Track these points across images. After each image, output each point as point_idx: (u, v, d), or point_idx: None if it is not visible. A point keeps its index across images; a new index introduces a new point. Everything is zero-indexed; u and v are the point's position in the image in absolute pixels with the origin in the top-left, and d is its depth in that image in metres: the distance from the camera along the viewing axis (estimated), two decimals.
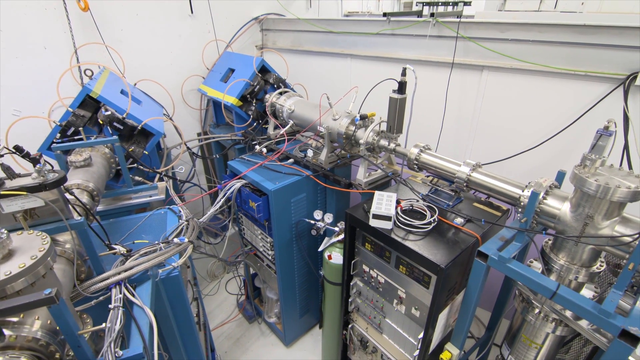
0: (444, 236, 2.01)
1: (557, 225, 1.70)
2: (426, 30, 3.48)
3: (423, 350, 2.13)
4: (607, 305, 1.43)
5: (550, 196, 1.73)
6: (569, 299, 1.51)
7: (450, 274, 1.92)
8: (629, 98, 2.69)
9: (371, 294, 2.45)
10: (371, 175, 2.66)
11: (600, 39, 2.74)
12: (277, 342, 3.78)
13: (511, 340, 2.08)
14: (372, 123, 2.54)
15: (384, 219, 2.05)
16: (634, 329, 1.35)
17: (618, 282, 1.49)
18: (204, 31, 4.17)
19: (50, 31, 3.05)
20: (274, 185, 2.74)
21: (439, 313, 2.02)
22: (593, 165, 1.56)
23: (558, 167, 3.09)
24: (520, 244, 1.77)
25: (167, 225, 2.23)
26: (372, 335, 2.60)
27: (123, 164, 2.38)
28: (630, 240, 1.44)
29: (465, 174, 2.04)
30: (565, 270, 1.72)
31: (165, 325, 1.92)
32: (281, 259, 3.08)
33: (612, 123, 1.52)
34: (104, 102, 2.54)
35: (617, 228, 1.52)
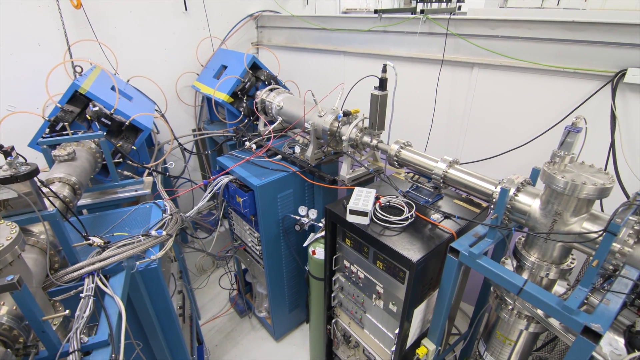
0: (420, 232, 2.02)
1: (528, 222, 1.70)
2: (417, 27, 3.47)
3: (399, 345, 2.14)
4: (570, 302, 1.43)
5: (522, 193, 1.73)
6: (535, 296, 1.52)
7: (425, 270, 1.93)
8: (617, 95, 2.66)
9: (352, 289, 2.47)
10: (355, 172, 2.68)
11: (589, 36, 2.72)
12: (267, 337, 3.83)
13: (487, 337, 2.09)
14: (355, 119, 2.55)
15: (361, 215, 2.06)
16: (596, 325, 1.35)
17: (583, 279, 1.49)
18: (198, 28, 4.21)
19: (44, 28, 3.11)
20: (260, 181, 2.77)
21: (413, 308, 2.04)
22: (562, 162, 1.56)
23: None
24: (491, 241, 1.78)
25: (151, 219, 2.27)
26: (354, 330, 2.62)
27: (109, 158, 2.43)
28: (596, 236, 1.44)
29: (441, 170, 2.05)
30: (536, 268, 1.72)
31: (144, 316, 1.96)
32: (268, 254, 3.11)
33: (580, 120, 1.51)
34: (92, 98, 2.59)
35: (584, 225, 1.52)
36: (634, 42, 2.55)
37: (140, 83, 3.69)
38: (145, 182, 2.63)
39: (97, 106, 2.54)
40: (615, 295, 1.52)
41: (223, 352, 3.66)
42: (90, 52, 3.39)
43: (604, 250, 1.37)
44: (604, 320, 1.38)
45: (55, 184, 1.92)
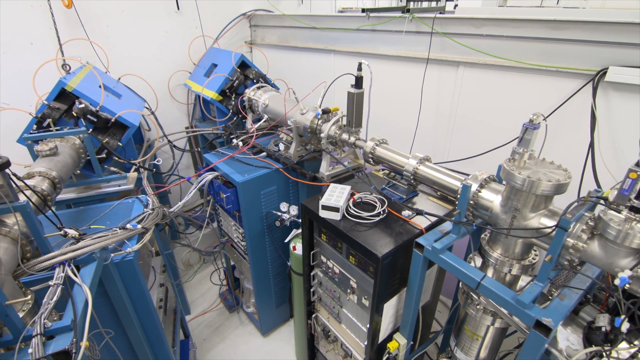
0: (391, 228, 2.05)
1: (490, 218, 1.72)
2: (404, 26, 3.49)
3: (370, 339, 2.17)
4: (524, 296, 1.45)
5: (486, 189, 1.75)
6: (491, 290, 1.54)
7: (393, 264, 1.96)
8: (599, 94, 2.66)
9: (329, 284, 2.51)
10: (335, 169, 2.71)
11: (571, 35, 2.72)
12: (255, 332, 3.88)
13: (457, 332, 2.11)
14: (334, 117, 2.58)
15: (333, 210, 2.10)
16: (547, 320, 1.37)
17: (539, 274, 1.51)
18: (191, 27, 4.27)
19: (36, 27, 3.19)
20: (243, 177, 2.82)
21: (383, 303, 2.07)
22: (522, 159, 1.58)
23: None
24: (455, 236, 1.80)
25: (132, 214, 2.33)
26: (333, 324, 2.66)
27: (92, 154, 2.49)
28: (549, 231, 1.45)
29: (412, 166, 2.07)
30: (499, 264, 1.74)
31: (120, 307, 2.02)
32: (253, 250, 3.16)
33: (538, 116, 1.53)
34: (79, 95, 2.66)
35: (542, 220, 1.54)
36: (615, 40, 2.55)
37: (132, 81, 3.76)
38: (129, 178, 2.69)
39: (83, 103, 2.61)
40: (573, 290, 1.54)
41: (211, 347, 3.72)
42: (83, 51, 3.47)
43: (556, 245, 1.39)
44: (556, 314, 1.40)
45: (35, 178, 1.98)
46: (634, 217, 1.31)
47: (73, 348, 1.32)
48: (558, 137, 2.86)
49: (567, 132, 2.81)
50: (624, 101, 2.61)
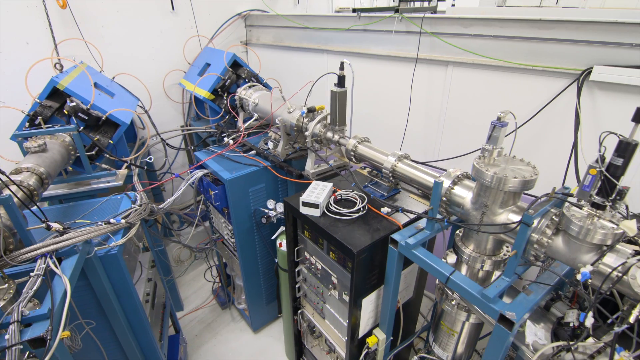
0: (369, 224, 2.08)
1: (462, 214, 1.74)
2: (393, 26, 3.52)
3: (350, 334, 2.21)
4: (489, 290, 1.48)
5: (459, 185, 1.77)
6: (459, 284, 1.57)
7: (370, 260, 1.99)
8: (585, 93, 2.68)
9: (313, 280, 2.54)
10: (320, 167, 2.74)
11: (558, 34, 2.73)
12: (246, 328, 3.92)
13: (435, 328, 2.14)
14: (319, 115, 2.61)
15: (312, 207, 2.13)
16: (511, 313, 1.40)
17: (506, 269, 1.53)
18: (186, 27, 4.33)
19: (32, 27, 3.26)
20: (231, 174, 2.86)
21: (362, 298, 2.10)
22: (491, 156, 1.61)
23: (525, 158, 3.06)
24: (429, 232, 1.83)
25: (119, 209, 2.39)
26: (317, 320, 2.70)
27: (82, 151, 2.55)
28: (515, 227, 1.48)
29: (390, 163, 2.10)
30: (472, 260, 1.76)
31: (104, 299, 2.07)
32: (242, 247, 3.21)
33: (505, 114, 1.56)
34: (70, 93, 2.72)
35: (509, 216, 1.56)
36: (600, 39, 2.57)
37: (126, 80, 3.82)
38: (118, 175, 2.75)
39: (74, 102, 2.67)
40: (540, 286, 1.57)
41: (202, 342, 3.77)
42: (78, 51, 3.54)
43: (520, 240, 1.42)
44: (520, 308, 1.43)
45: (23, 173, 2.04)
46: (595, 213, 1.33)
47: (48, 335, 1.37)
48: (545, 136, 2.88)
49: (554, 131, 2.82)
50: (609, 100, 2.62)
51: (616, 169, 1.26)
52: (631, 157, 1.25)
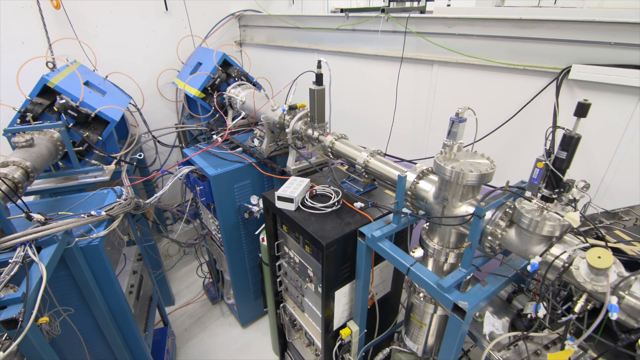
0: (342, 218, 2.13)
1: (426, 208, 1.79)
2: (380, 26, 3.57)
3: (324, 326, 2.26)
4: (445, 281, 1.53)
5: (424, 180, 1.82)
6: (418, 275, 1.61)
7: (342, 252, 2.04)
8: (565, 92, 2.70)
9: (293, 274, 2.60)
10: (302, 163, 2.80)
11: (538, 33, 2.76)
12: (235, 323, 3.99)
13: (406, 321, 2.18)
14: (300, 113, 2.67)
15: (287, 201, 2.19)
16: (463, 303, 1.45)
17: (462, 261, 1.58)
18: (179, 27, 4.41)
19: (27, 27, 3.37)
20: (216, 171, 2.93)
21: (334, 290, 2.15)
22: (451, 151, 1.65)
23: (505, 160, 3.11)
24: (395, 225, 1.87)
25: (105, 203, 2.47)
26: (298, 314, 2.75)
27: (69, 147, 2.64)
28: (468, 219, 1.52)
29: (363, 159, 2.15)
30: (436, 253, 1.80)
31: (86, 289, 2.15)
32: (228, 242, 3.27)
33: (464, 110, 1.60)
34: (60, 91, 2.81)
35: (467, 209, 1.60)
36: (579, 39, 2.59)
37: (120, 79, 3.91)
38: (105, 170, 2.84)
39: (64, 99, 2.76)
40: (498, 277, 1.61)
41: (191, 336, 3.84)
42: (72, 50, 3.63)
43: (474, 231, 1.46)
44: (473, 298, 1.47)
45: (9, 167, 2.12)
46: (544, 205, 1.37)
47: (21, 317, 1.44)
48: (528, 134, 2.90)
49: (537, 129, 2.85)
50: (587, 97, 2.64)
51: (561, 162, 1.30)
52: (575, 149, 1.29)
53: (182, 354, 3.65)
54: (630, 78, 2.40)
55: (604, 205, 2.16)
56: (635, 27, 2.38)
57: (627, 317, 1.17)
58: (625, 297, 1.17)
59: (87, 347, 2.37)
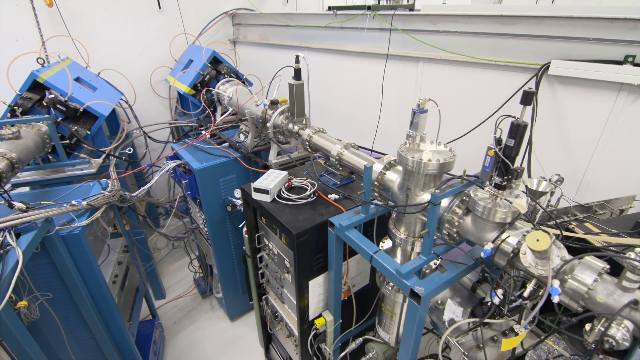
0: (316, 209, 2.17)
1: (392, 198, 1.83)
2: (366, 24, 3.61)
3: (299, 316, 2.30)
4: (403, 267, 1.56)
5: (391, 170, 1.85)
6: (380, 262, 1.65)
7: (314, 242, 2.08)
8: (545, 88, 2.73)
9: (273, 265, 2.64)
10: (284, 157, 2.85)
11: (519, 29, 2.79)
12: (224, 316, 4.04)
13: (379, 312, 2.21)
14: (280, 107, 2.72)
15: (263, 193, 2.24)
16: (419, 288, 1.48)
17: (422, 248, 1.61)
18: (173, 25, 4.49)
19: (21, 24, 3.46)
20: (200, 164, 2.99)
21: (307, 279, 2.19)
22: (414, 142, 1.69)
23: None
24: (364, 215, 1.91)
25: (89, 195, 2.53)
26: (278, 305, 2.79)
27: (56, 140, 2.71)
28: (425, 206, 1.56)
29: (337, 151, 2.19)
30: (403, 242, 1.84)
31: (67, 276, 2.21)
32: (214, 235, 3.33)
33: (424, 101, 1.64)
34: (50, 86, 2.88)
35: (429, 197, 1.64)
36: (559, 34, 2.61)
37: (113, 76, 3.99)
38: (92, 163, 2.91)
39: (53, 94, 2.83)
40: (457, 265, 1.64)
41: (180, 328, 3.91)
42: (65, 47, 3.72)
43: (431, 219, 1.50)
44: (430, 284, 1.51)
45: None
46: (497, 193, 1.40)
47: None
48: None
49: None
50: (569, 94, 2.67)
51: (510, 149, 1.33)
52: (522, 137, 1.32)
53: (170, 346, 3.71)
54: (608, 73, 2.42)
55: (587, 201, 2.19)
56: (614, 23, 2.40)
57: (570, 300, 1.20)
58: (568, 281, 1.20)
59: (71, 334, 2.44)
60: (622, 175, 2.57)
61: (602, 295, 1.14)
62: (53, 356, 2.37)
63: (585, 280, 1.16)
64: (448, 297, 1.84)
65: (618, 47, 2.43)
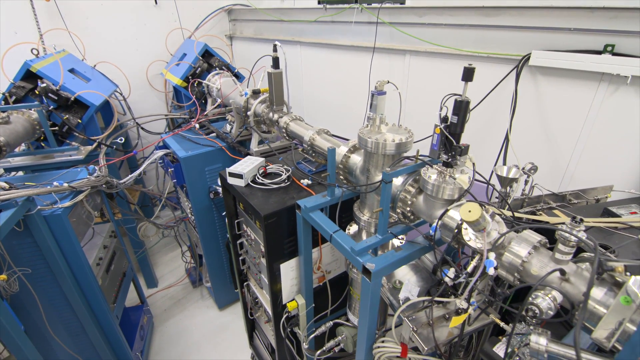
0: (288, 194, 2.22)
1: (355, 181, 1.86)
2: (354, 17, 3.64)
3: (272, 299, 2.34)
4: (358, 245, 1.59)
5: (355, 154, 1.89)
6: (338, 241, 1.68)
7: (285, 225, 2.12)
8: (527, 78, 2.73)
9: (251, 251, 2.69)
10: (265, 146, 2.90)
11: (502, 21, 2.80)
12: (213, 306, 4.11)
13: (348, 296, 2.24)
14: (261, 97, 2.77)
15: (237, 177, 2.29)
16: (370, 265, 1.51)
17: (378, 227, 1.64)
18: (169, 20, 4.60)
19: (20, 18, 3.60)
20: (186, 153, 3.06)
21: (278, 262, 2.23)
22: (374, 124, 1.72)
23: (476, 147, 3.16)
24: (330, 198, 1.94)
25: (76, 179, 2.63)
26: (258, 291, 2.84)
27: (46, 127, 2.82)
28: (377, 186, 1.58)
29: (309, 137, 2.23)
30: (367, 225, 1.87)
31: (49, 255, 2.30)
32: (201, 223, 3.40)
33: (382, 83, 1.66)
34: (42, 76, 3.00)
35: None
36: (540, 25, 2.61)
37: (109, 69, 4.11)
38: (81, 150, 3.01)
39: (45, 83, 2.94)
40: (414, 244, 1.66)
41: (169, 316, 3.99)
42: (63, 41, 3.85)
43: (383, 197, 1.52)
44: (382, 261, 1.53)
45: None
46: (445, 171, 1.43)
47: None
48: (496, 122, 2.91)
49: (504, 116, 2.86)
50: (551, 85, 2.66)
51: (455, 126, 1.35)
52: (465, 113, 1.34)
53: (158, 332, 3.79)
54: (587, 63, 2.40)
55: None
56: (594, 12, 2.39)
57: (506, 273, 1.22)
58: (505, 254, 1.21)
59: (56, 313, 2.54)
60: (604, 166, 2.56)
61: (535, 267, 1.16)
62: (37, 331, 2.46)
63: (520, 253, 1.17)
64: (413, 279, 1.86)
65: (598, 37, 2.42)
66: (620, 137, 2.40)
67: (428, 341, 1.44)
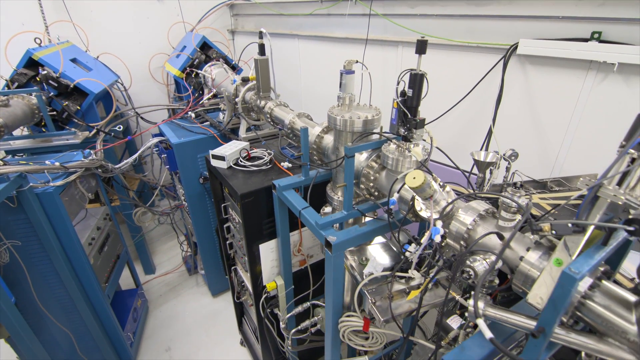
0: (268, 176, 2.27)
1: (328, 160, 1.89)
2: (348, 9, 3.68)
3: (252, 279, 2.39)
4: (323, 219, 1.63)
5: (329, 134, 1.92)
6: (306, 217, 1.72)
7: (264, 206, 2.17)
8: (515, 67, 2.72)
9: (237, 234, 2.75)
10: (253, 132, 2.96)
11: (492, 10, 2.79)
12: (207, 292, 4.20)
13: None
14: (249, 84, 2.84)
15: (220, 159, 2.36)
16: (332, 237, 1.54)
17: (343, 203, 1.67)
18: (172, 14, 4.72)
19: (27, 10, 3.76)
20: (179, 140, 3.15)
21: (257, 243, 2.28)
22: (344, 103, 1.75)
23: (467, 135, 3.15)
24: (303, 178, 1.99)
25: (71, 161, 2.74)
26: (244, 275, 2.90)
27: (45, 112, 2.95)
28: (340, 162, 1.62)
29: (289, 120, 2.28)
30: (339, 205, 1.90)
31: (40, 230, 2.40)
32: (193, 209, 3.48)
33: (350, 63, 1.70)
34: (44, 63, 3.13)
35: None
36: (529, 14, 2.61)
37: (112, 61, 4.25)
38: (78, 135, 3.13)
39: (45, 70, 3.08)
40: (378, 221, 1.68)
41: (164, 301, 4.09)
42: (68, 32, 4.00)
43: (347, 172, 1.56)
44: (343, 235, 1.57)
45: None
46: (403, 145, 1.45)
47: None
48: (487, 111, 2.90)
49: (494, 106, 2.85)
50: (540, 74, 2.65)
51: (411, 100, 1.38)
52: (421, 86, 1.36)
53: (152, 316, 3.89)
54: (574, 50, 2.39)
55: None
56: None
57: (453, 240, 1.24)
58: (452, 222, 1.23)
59: (48, 289, 2.64)
60: (594, 155, 2.52)
61: (480, 235, 1.17)
62: (29, 304, 2.57)
63: (466, 221, 1.19)
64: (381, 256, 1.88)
65: (586, 25, 2.40)
66: (608, 125, 2.37)
67: (385, 312, 1.47)
